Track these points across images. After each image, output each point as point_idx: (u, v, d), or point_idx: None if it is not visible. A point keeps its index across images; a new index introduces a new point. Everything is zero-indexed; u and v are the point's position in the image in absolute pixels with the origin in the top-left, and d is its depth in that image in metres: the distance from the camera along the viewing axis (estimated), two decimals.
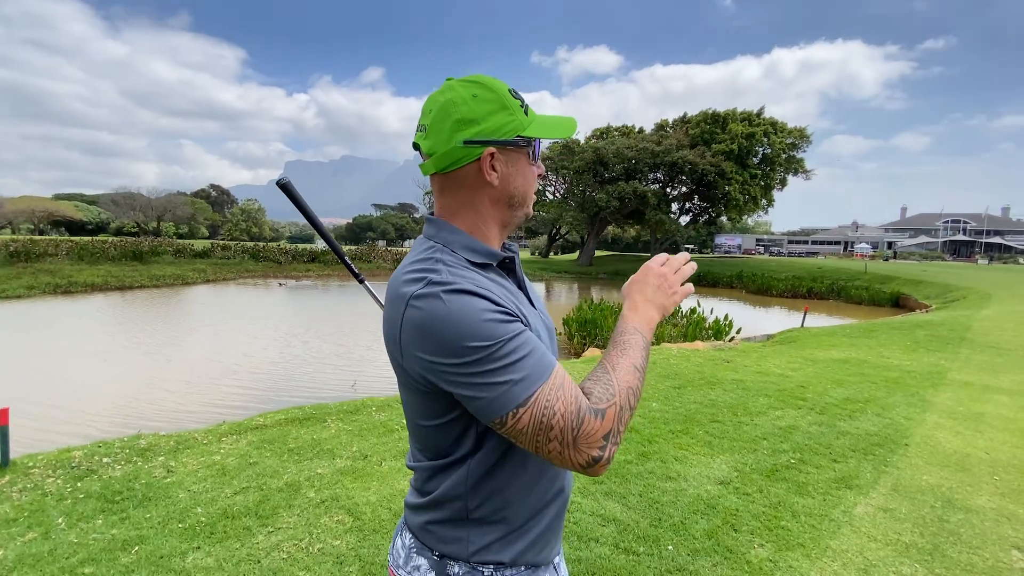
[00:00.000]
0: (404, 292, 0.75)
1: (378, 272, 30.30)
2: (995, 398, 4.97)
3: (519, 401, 0.69)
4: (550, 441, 0.70)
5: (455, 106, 0.79)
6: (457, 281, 0.73)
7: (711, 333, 9.37)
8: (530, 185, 0.87)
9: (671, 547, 2.42)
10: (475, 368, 0.70)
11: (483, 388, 0.70)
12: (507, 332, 0.71)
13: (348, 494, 2.82)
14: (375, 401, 4.64)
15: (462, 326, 0.70)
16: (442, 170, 0.82)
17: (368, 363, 8.49)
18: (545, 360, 0.72)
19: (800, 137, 34.09)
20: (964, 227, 68.62)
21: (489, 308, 0.72)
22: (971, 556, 2.37)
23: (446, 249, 0.81)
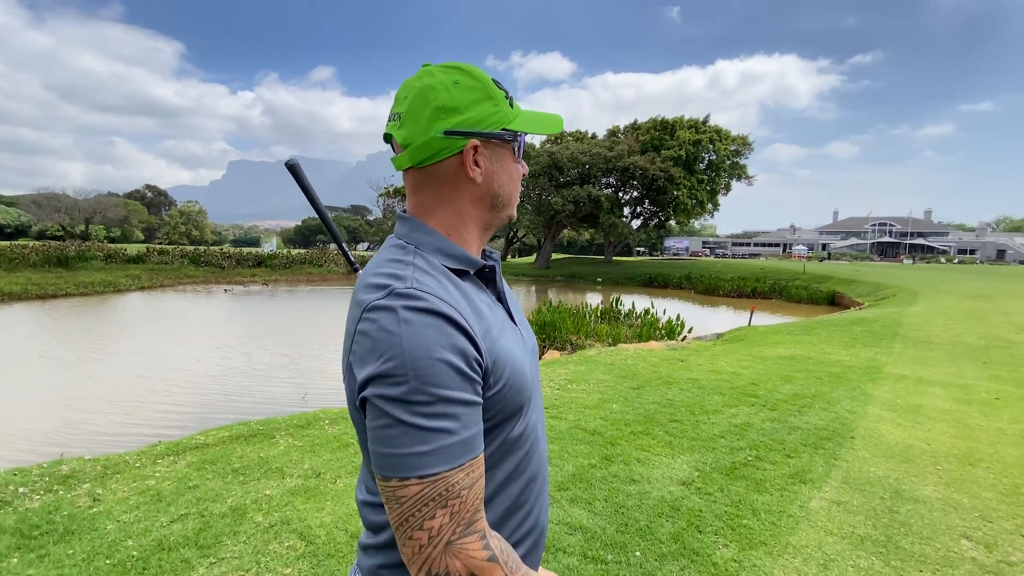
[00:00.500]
0: (363, 299, 0.66)
1: (330, 276, 29.35)
2: (930, 390, 5.31)
3: (418, 472, 0.59)
4: (422, 529, 0.60)
5: (435, 92, 0.70)
6: (424, 296, 0.63)
7: (664, 333, 9.60)
8: (515, 184, 0.79)
9: (639, 553, 2.39)
10: (395, 410, 0.59)
11: (390, 436, 0.60)
12: (453, 388, 0.61)
13: (300, 516, 2.63)
14: (328, 413, 4.41)
15: (407, 356, 0.59)
16: (418, 164, 0.72)
17: (319, 373, 8.12)
18: (472, 443, 0.62)
19: (743, 144, 35.83)
20: (890, 229, 74.17)
21: (449, 345, 0.61)
22: (923, 547, 2.47)
23: (419, 252, 0.72)
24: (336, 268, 30.21)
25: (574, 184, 33.85)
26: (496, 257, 0.84)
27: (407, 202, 0.79)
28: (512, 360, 0.71)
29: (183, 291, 21.78)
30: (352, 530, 2.52)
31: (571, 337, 8.72)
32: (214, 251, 29.91)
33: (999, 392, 5.29)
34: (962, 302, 13.44)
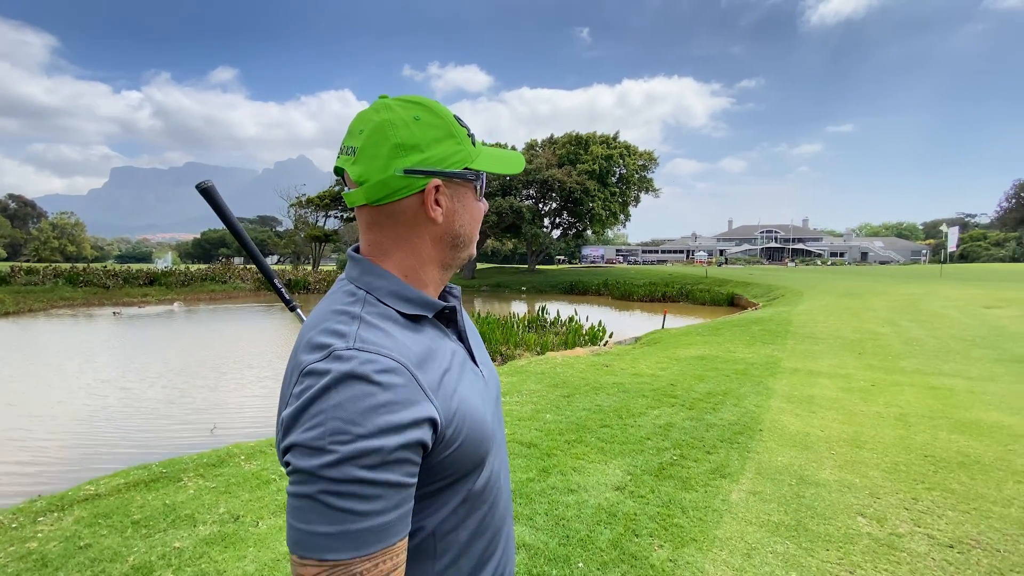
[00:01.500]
0: (301, 360, 0.61)
1: (236, 293, 27.16)
2: (819, 381, 5.96)
3: (315, 555, 0.54)
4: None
5: (394, 128, 0.66)
6: (363, 358, 0.58)
7: (588, 339, 9.95)
8: (476, 223, 0.76)
9: (581, 564, 2.43)
10: (306, 482, 0.55)
11: (296, 507, 0.55)
12: (372, 471, 0.55)
13: (218, 568, 2.38)
14: (243, 448, 4.06)
15: (326, 429, 0.55)
16: (374, 202, 0.67)
17: (228, 402, 7.45)
18: (390, 530, 0.57)
19: (649, 159, 38.40)
20: (776, 236, 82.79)
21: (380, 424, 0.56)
22: (827, 527, 2.75)
23: (370, 297, 0.67)
24: (243, 284, 28.01)
25: (496, 195, 34.36)
26: (457, 293, 0.80)
27: (360, 240, 0.74)
28: (471, 411, 0.68)
29: (58, 316, 19.06)
30: None
31: (500, 348, 8.76)
32: (96, 269, 26.51)
33: (874, 380, 6.05)
34: (838, 300, 15.28)
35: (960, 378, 6.07)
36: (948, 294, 14.59)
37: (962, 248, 60.59)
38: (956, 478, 3.34)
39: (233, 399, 7.54)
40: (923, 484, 3.26)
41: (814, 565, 2.42)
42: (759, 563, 2.44)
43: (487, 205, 0.80)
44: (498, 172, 0.75)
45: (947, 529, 2.73)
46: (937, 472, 3.44)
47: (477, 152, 0.72)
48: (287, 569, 2.38)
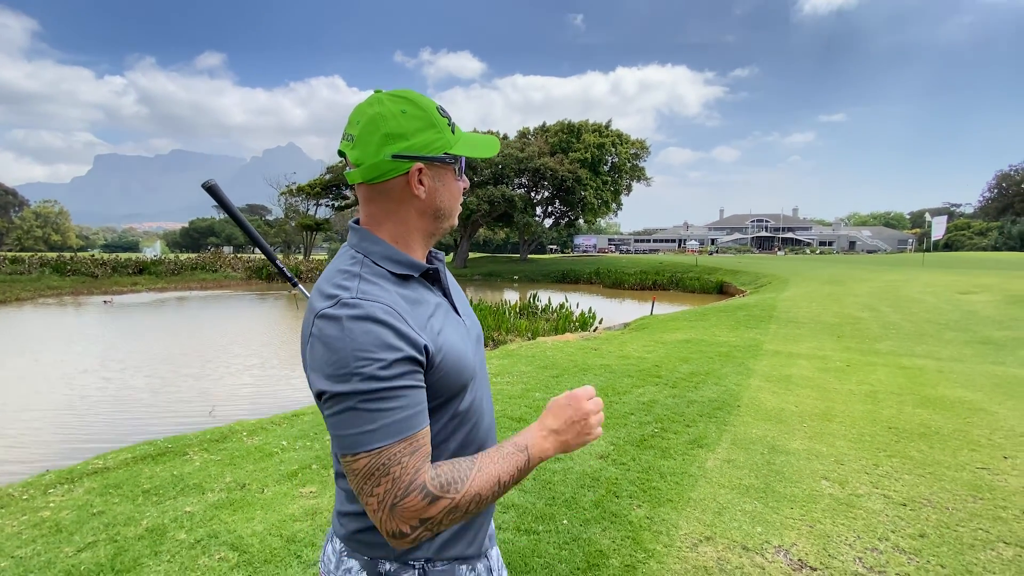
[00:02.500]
0: (315, 306, 0.77)
1: (227, 282, 27.06)
2: (797, 362, 6.22)
3: (364, 448, 0.71)
4: (371, 495, 0.72)
5: (384, 120, 0.80)
6: (365, 304, 0.74)
7: (578, 325, 10.16)
8: (456, 199, 0.90)
9: (565, 521, 2.64)
10: (341, 401, 0.71)
11: (340, 421, 0.72)
12: (389, 379, 0.72)
13: (229, 528, 2.55)
14: (244, 426, 4.22)
15: (348, 356, 0.71)
16: (368, 181, 0.83)
17: (225, 386, 7.58)
18: (412, 421, 0.74)
19: (641, 148, 38.46)
20: (766, 225, 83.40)
21: (386, 345, 0.72)
22: (792, 489, 2.98)
23: (367, 260, 0.83)
24: (234, 273, 27.91)
25: (488, 184, 34.27)
26: (441, 257, 0.97)
27: (360, 212, 0.89)
28: (452, 346, 0.84)
29: (45, 305, 18.94)
30: (287, 535, 2.50)
31: (492, 333, 8.95)
32: (84, 258, 26.26)
33: (849, 360, 6.32)
34: (822, 287, 15.62)
35: (930, 359, 6.36)
36: (927, 281, 14.97)
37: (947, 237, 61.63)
38: (916, 447, 3.59)
39: (230, 383, 7.68)
40: (885, 452, 3.51)
41: (778, 521, 2.65)
42: (728, 519, 2.66)
43: (467, 182, 0.93)
44: (474, 155, 0.88)
45: (902, 490, 2.97)
46: (899, 441, 3.69)
47: (456, 139, 0.86)
48: (294, 528, 2.56)
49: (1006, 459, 3.36)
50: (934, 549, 2.38)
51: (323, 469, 3.32)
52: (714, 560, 2.33)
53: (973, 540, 2.44)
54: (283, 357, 9.55)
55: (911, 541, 2.46)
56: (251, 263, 29.80)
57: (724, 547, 2.42)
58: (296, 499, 2.89)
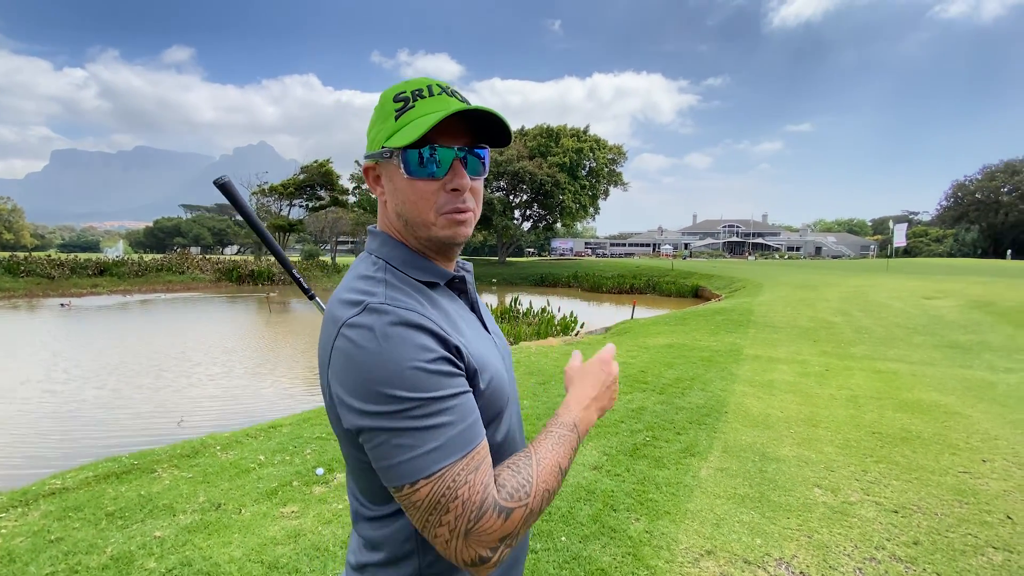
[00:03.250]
0: (339, 316, 0.67)
1: (195, 284, 26.13)
2: (778, 367, 6.29)
3: (424, 473, 0.61)
4: (440, 525, 0.63)
5: (382, 102, 0.76)
6: (398, 310, 0.65)
7: (560, 329, 10.13)
8: (416, 202, 0.72)
9: (564, 538, 2.55)
10: (387, 423, 0.62)
11: (389, 449, 0.62)
12: (438, 388, 0.63)
13: (204, 555, 2.37)
14: (218, 439, 4.00)
15: (388, 369, 0.62)
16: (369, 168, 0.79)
17: (195, 395, 7.25)
18: (469, 433, 0.65)
19: (618, 153, 38.96)
20: (737, 230, 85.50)
21: (427, 350, 0.64)
22: (787, 498, 2.96)
23: (389, 266, 0.74)
24: (202, 275, 26.97)
25: None
26: (468, 268, 0.87)
27: None
28: (490, 365, 0.75)
29: None
30: (269, 560, 2.34)
31: None
32: (39, 258, 24.97)
33: (827, 365, 6.44)
34: (795, 291, 16.02)
35: (903, 363, 6.53)
36: (893, 286, 15.51)
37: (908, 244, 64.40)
38: (900, 452, 3.64)
39: (200, 391, 7.34)
40: (871, 458, 3.54)
41: (776, 532, 2.62)
42: (727, 532, 2.62)
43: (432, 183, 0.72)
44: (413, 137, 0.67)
45: (892, 496, 2.99)
46: (883, 447, 3.73)
47: (397, 126, 0.70)
48: (275, 552, 2.40)
49: (985, 462, 3.43)
50: (929, 556, 2.38)
51: (304, 486, 3.15)
52: (717, 575, 2.27)
53: (964, 546, 2.46)
54: (254, 364, 9.22)
55: (906, 549, 2.45)
56: (220, 264, 28.86)
57: (726, 561, 2.37)
58: (277, 520, 2.72)
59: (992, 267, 29.28)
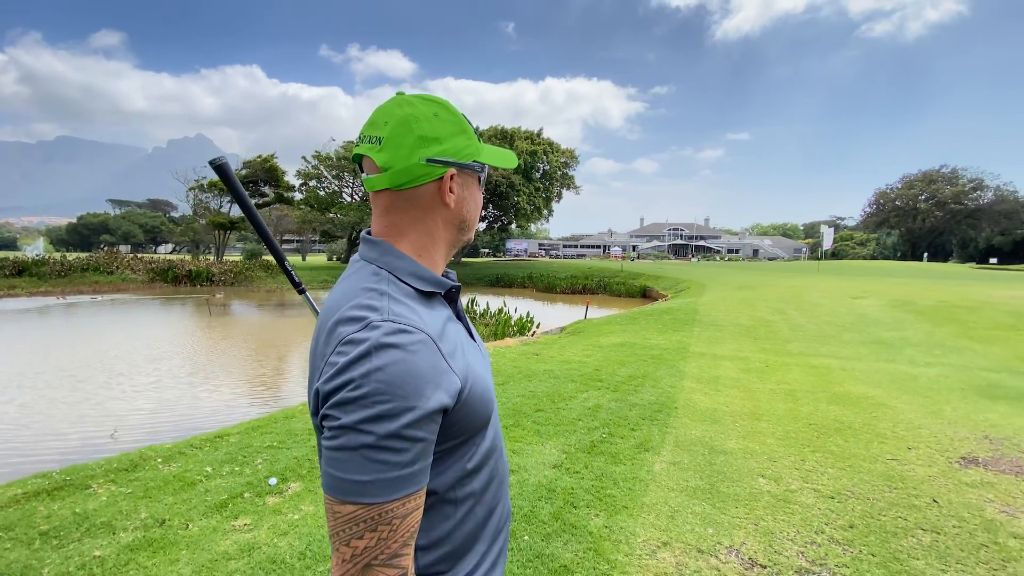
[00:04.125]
0: (340, 331, 0.67)
1: (124, 286, 24.35)
2: (722, 364, 6.62)
3: (359, 499, 0.62)
4: (347, 545, 0.63)
5: (417, 122, 0.74)
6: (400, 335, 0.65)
7: (517, 329, 10.20)
8: (479, 210, 0.86)
9: (526, 537, 2.58)
10: (347, 441, 0.62)
11: (338, 464, 0.62)
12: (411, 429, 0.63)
13: (149, 574, 2.24)
14: (158, 451, 3.76)
15: (375, 395, 0.62)
16: (398, 186, 0.75)
17: (128, 406, 6.77)
18: (416, 477, 0.65)
19: (571, 157, 39.66)
20: (681, 233, 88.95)
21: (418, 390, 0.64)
22: (735, 488, 3.14)
23: (392, 277, 0.74)
24: (133, 276, 25.16)
25: None
26: (454, 277, 0.88)
27: (375, 223, 0.80)
28: (478, 377, 0.76)
29: None
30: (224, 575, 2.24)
31: None
32: None
33: (767, 361, 6.84)
34: (735, 292, 16.88)
35: (835, 358, 7.03)
36: (824, 286, 16.66)
37: (835, 247, 69.16)
38: (834, 441, 3.93)
39: (133, 402, 6.85)
40: (809, 448, 3.80)
41: (726, 521, 2.77)
42: (681, 523, 2.74)
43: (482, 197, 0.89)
44: (498, 166, 0.85)
45: (829, 484, 3.22)
46: (819, 437, 4.02)
47: (482, 147, 0.82)
48: (228, 568, 2.30)
49: (910, 450, 3.76)
50: (864, 539, 2.60)
51: (256, 498, 3.02)
52: (673, 565, 2.38)
53: (895, 528, 2.69)
54: (194, 371, 8.72)
55: (843, 532, 2.66)
56: (154, 264, 27.02)
57: (681, 551, 2.49)
58: (228, 534, 2.60)
59: (910, 269, 32.02)
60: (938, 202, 59.17)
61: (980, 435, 4.08)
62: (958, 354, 7.12)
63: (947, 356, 7.01)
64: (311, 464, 3.48)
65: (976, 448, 3.81)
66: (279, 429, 4.22)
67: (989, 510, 2.89)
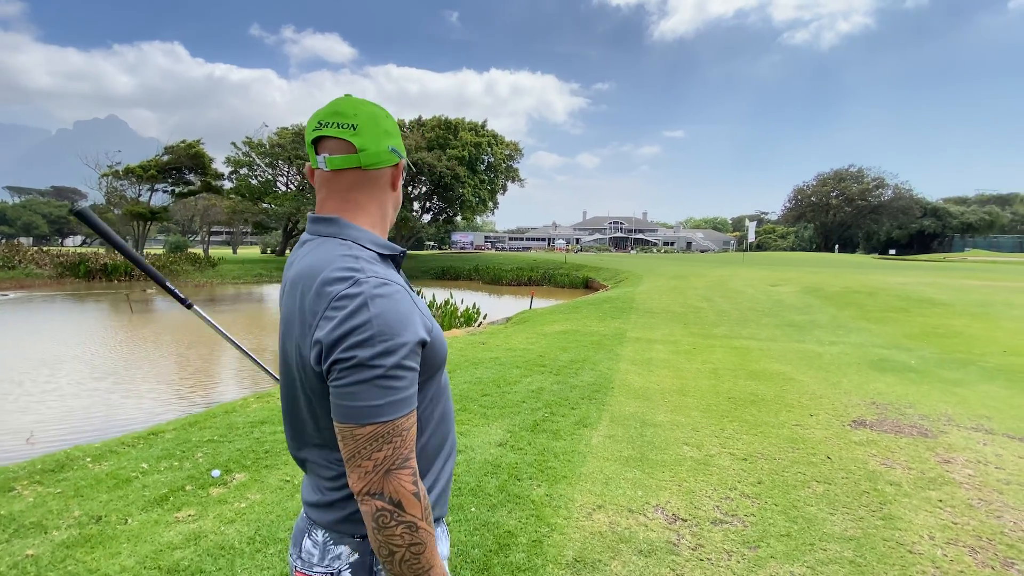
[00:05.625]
0: (330, 290, 0.79)
1: (29, 282, 22.07)
2: (655, 347, 7.08)
3: (377, 419, 0.75)
4: (369, 459, 0.75)
5: (381, 118, 0.91)
6: (383, 282, 0.80)
7: (463, 320, 10.31)
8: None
9: (473, 508, 2.75)
10: (358, 375, 0.75)
11: (353, 395, 0.75)
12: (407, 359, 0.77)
13: (89, 568, 2.20)
14: (86, 450, 3.60)
15: (375, 333, 0.75)
16: (368, 166, 0.89)
17: (42, 405, 6.27)
18: (414, 399, 0.80)
19: (515, 150, 39.90)
20: (621, 226, 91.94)
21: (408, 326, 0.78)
22: (662, 455, 3.46)
23: (357, 245, 0.87)
24: (39, 271, 22.83)
25: None
26: None
27: (330, 202, 0.91)
28: (435, 322, 0.93)
29: None
30: (168, 565, 2.24)
31: None
32: None
33: (694, 344, 7.38)
34: (669, 282, 17.82)
35: (753, 340, 7.70)
36: (747, 276, 17.94)
37: (759, 239, 74.16)
38: (748, 412, 4.38)
39: (50, 406, 6.36)
40: (727, 418, 4.22)
41: (654, 484, 3.07)
42: (614, 488, 3.01)
43: None
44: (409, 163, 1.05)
45: (743, 448, 3.62)
46: (736, 409, 4.46)
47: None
48: (174, 557, 2.30)
49: (811, 416, 4.27)
50: (768, 492, 2.97)
51: (199, 490, 2.99)
52: (607, 525, 2.63)
53: (795, 482, 3.09)
54: (116, 371, 8.18)
55: (752, 487, 3.03)
56: (63, 258, 24.64)
57: (614, 512, 2.75)
58: (172, 525, 2.58)
59: (822, 259, 34.97)
60: (847, 198, 64.80)
61: (869, 401, 4.68)
62: (857, 334, 8.01)
63: (847, 336, 7.87)
64: (256, 456, 3.46)
65: (865, 412, 4.38)
66: (219, 424, 4.13)
67: (872, 463, 3.38)
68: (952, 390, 5.07)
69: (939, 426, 4.08)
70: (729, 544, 2.47)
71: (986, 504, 2.90)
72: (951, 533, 2.61)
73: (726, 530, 2.59)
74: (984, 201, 71.58)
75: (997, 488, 3.08)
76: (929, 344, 7.23)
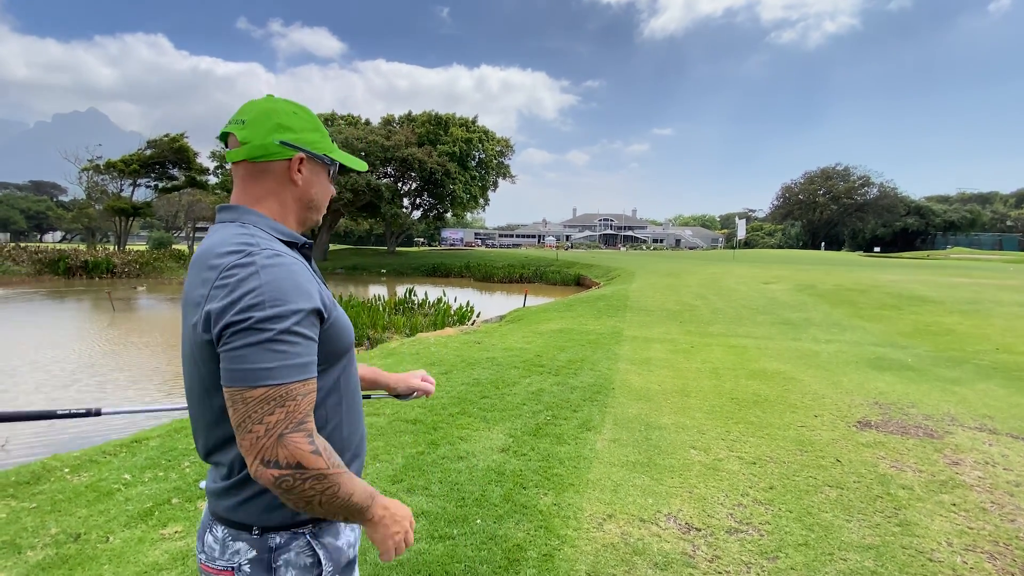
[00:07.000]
0: (221, 263, 0.80)
1: (6, 279, 21.45)
2: (653, 346, 7.00)
3: (266, 381, 0.75)
4: (260, 423, 0.74)
5: (276, 114, 0.92)
6: (277, 258, 0.81)
7: (457, 319, 10.16)
8: (326, 196, 1.02)
9: (479, 520, 2.62)
10: (247, 338, 0.75)
11: (241, 358, 0.75)
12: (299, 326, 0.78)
13: None
14: (64, 459, 3.41)
15: (266, 298, 0.76)
16: (252, 158, 0.91)
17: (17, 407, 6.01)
18: (309, 367, 0.80)
19: (506, 146, 39.67)
20: (611, 223, 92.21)
21: (300, 293, 0.80)
22: (670, 460, 3.36)
23: (255, 228, 0.88)
24: (16, 268, 22.19)
25: (352, 172, 32.37)
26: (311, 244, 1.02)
27: (235, 193, 0.95)
28: (340, 310, 0.92)
29: None
30: None
31: (368, 331, 8.49)
32: None
33: (692, 343, 7.32)
34: (662, 279, 17.83)
35: (750, 338, 7.66)
36: (739, 273, 18.01)
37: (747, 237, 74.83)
38: (753, 413, 4.30)
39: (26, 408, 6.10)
40: (732, 420, 4.14)
41: (663, 491, 2.97)
42: (623, 496, 2.90)
43: (334, 191, 1.07)
44: (347, 165, 1.03)
45: (751, 451, 3.53)
46: (740, 410, 4.38)
47: (335, 148, 1.01)
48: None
49: (816, 417, 4.21)
50: (781, 498, 2.88)
51: (187, 503, 2.83)
52: (619, 535, 2.52)
53: (807, 487, 3.01)
54: (97, 371, 7.91)
55: (764, 493, 2.94)
56: (42, 255, 23.97)
57: (625, 522, 2.64)
58: (157, 543, 2.42)
59: (811, 256, 35.34)
60: (833, 196, 65.60)
61: (871, 401, 4.63)
62: (851, 331, 8.01)
63: (843, 333, 7.86)
64: None
65: (869, 413, 4.33)
66: None
67: (882, 466, 3.31)
68: (951, 389, 5.05)
69: (943, 426, 4.03)
70: (747, 555, 2.37)
71: (999, 507, 2.85)
72: (968, 539, 2.54)
73: (742, 539, 2.49)
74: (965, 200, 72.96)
75: (1008, 491, 3.03)
76: (923, 342, 7.24)
